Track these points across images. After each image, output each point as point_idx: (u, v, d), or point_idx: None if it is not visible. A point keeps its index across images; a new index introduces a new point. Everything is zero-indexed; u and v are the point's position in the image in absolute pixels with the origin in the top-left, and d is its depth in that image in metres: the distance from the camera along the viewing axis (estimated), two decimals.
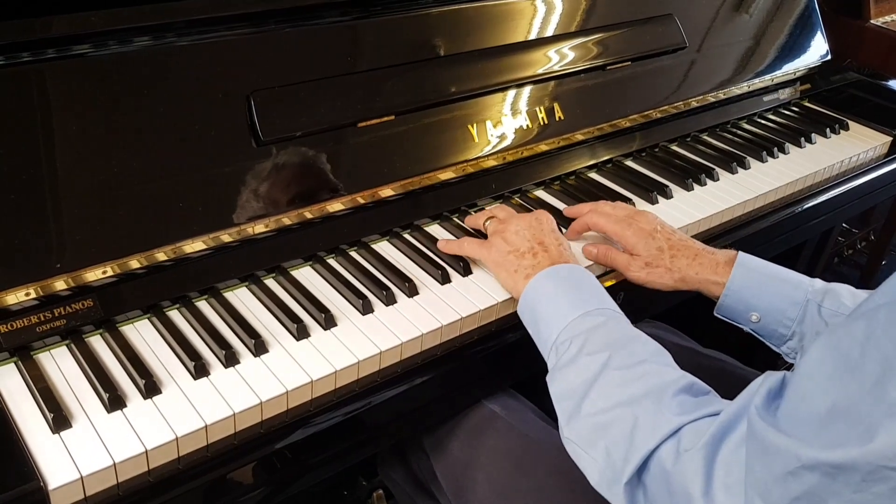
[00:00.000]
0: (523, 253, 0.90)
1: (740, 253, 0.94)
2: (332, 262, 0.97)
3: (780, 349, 0.93)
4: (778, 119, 1.51)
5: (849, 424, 0.50)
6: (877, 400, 0.49)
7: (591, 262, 1.02)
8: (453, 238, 1.02)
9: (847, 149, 1.41)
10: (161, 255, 0.85)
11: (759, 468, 0.56)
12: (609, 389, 0.73)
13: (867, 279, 2.16)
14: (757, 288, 0.91)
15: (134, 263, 0.83)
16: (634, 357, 0.75)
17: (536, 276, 0.86)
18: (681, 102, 1.34)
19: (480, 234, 1.02)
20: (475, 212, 1.09)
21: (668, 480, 0.65)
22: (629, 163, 1.29)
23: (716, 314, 0.95)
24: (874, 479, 0.48)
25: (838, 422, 0.51)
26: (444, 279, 0.95)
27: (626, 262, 0.97)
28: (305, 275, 0.95)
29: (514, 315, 0.95)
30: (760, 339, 0.94)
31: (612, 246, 1.01)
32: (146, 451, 0.69)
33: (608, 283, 1.00)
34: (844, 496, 0.50)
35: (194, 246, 0.87)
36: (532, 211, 0.99)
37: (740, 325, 0.94)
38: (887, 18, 1.71)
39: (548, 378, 0.80)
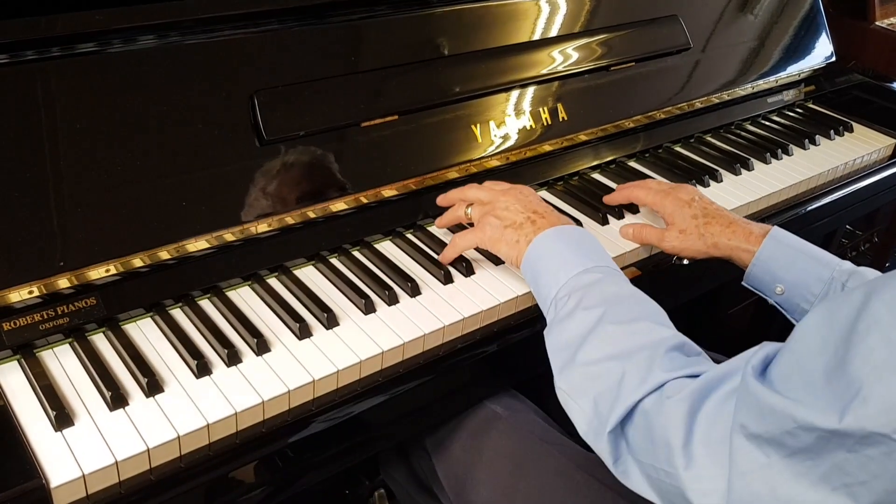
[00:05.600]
0: (521, 224, 0.90)
1: (775, 227, 0.96)
2: (334, 261, 0.97)
3: None
4: (782, 120, 1.51)
5: (842, 389, 0.51)
6: (865, 363, 0.50)
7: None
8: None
9: (851, 151, 1.41)
10: (164, 254, 0.85)
11: (753, 426, 0.57)
12: (602, 342, 0.74)
13: None
14: (785, 261, 0.93)
15: (137, 262, 0.83)
16: (630, 314, 0.76)
17: (538, 237, 0.87)
18: (685, 103, 1.34)
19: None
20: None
21: (650, 430, 0.66)
22: (633, 163, 1.29)
23: (743, 284, 0.97)
24: (867, 444, 0.50)
25: (833, 385, 0.52)
26: (447, 279, 0.95)
27: (660, 235, 1.02)
28: (308, 274, 0.95)
29: (516, 316, 0.95)
30: (783, 311, 0.96)
31: (650, 225, 1.05)
32: (148, 450, 0.70)
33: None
34: (838, 455, 0.51)
35: (197, 245, 0.87)
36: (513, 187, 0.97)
37: (765, 297, 0.96)
38: (893, 20, 1.71)
39: (545, 332, 0.81)
